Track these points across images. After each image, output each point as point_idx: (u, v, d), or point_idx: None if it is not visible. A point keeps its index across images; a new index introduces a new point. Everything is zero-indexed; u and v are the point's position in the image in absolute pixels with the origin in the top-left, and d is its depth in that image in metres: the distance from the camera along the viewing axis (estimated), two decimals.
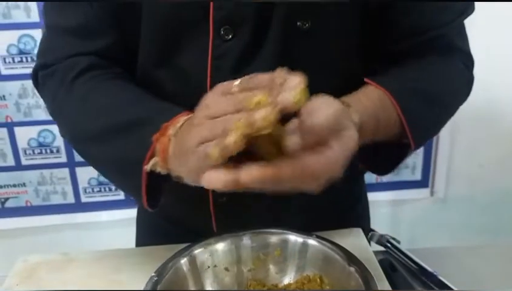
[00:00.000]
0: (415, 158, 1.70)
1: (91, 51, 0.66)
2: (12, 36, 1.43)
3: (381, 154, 0.65)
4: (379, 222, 0.92)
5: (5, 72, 1.47)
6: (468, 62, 0.73)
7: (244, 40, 0.62)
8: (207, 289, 0.59)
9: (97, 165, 0.65)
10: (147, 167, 0.54)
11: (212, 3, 0.61)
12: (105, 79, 0.66)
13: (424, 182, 1.74)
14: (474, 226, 1.74)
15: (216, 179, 0.44)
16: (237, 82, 0.47)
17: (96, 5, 0.65)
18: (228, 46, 0.62)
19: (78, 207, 1.65)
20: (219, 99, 0.47)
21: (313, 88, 0.66)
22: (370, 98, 0.61)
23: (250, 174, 0.43)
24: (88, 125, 0.63)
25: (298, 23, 0.61)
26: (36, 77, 0.70)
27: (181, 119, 0.53)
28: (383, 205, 1.74)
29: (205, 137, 0.45)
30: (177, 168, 0.51)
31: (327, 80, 0.67)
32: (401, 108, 0.62)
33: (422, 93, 0.66)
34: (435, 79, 0.68)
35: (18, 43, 1.44)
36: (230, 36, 0.61)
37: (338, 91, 0.68)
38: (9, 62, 1.46)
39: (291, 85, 0.44)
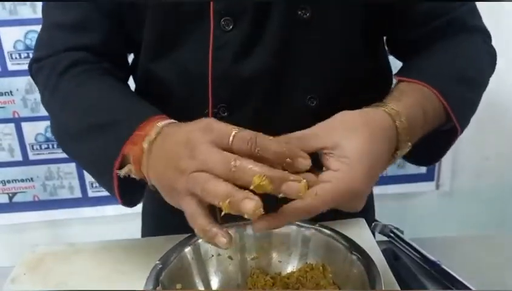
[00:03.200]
0: None
1: (84, 46, 0.67)
2: (18, 32, 1.44)
3: (426, 145, 0.63)
4: (385, 215, 0.92)
5: (11, 68, 1.48)
6: (486, 37, 0.73)
7: (244, 30, 0.62)
8: (211, 277, 0.60)
9: (76, 162, 0.67)
10: (120, 173, 0.55)
11: None
12: (89, 76, 0.66)
13: (429, 175, 1.73)
14: (480, 219, 1.73)
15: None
16: (234, 131, 0.46)
17: (94, 1, 0.66)
18: (228, 37, 0.62)
19: (85, 201, 1.66)
20: (211, 151, 0.46)
21: (314, 79, 0.67)
22: (410, 93, 0.60)
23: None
24: (67, 122, 0.64)
25: (299, 13, 0.62)
26: (31, 70, 0.72)
27: (152, 130, 0.53)
28: (389, 199, 1.74)
29: (195, 193, 0.46)
30: (156, 186, 0.53)
31: (329, 71, 0.67)
32: (443, 96, 0.61)
33: (456, 76, 0.66)
34: (463, 58, 0.69)
35: (24, 39, 1.45)
36: (231, 27, 0.62)
37: (341, 82, 0.69)
38: (15, 58, 1.47)
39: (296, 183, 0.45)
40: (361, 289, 0.52)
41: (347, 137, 0.50)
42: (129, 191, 0.59)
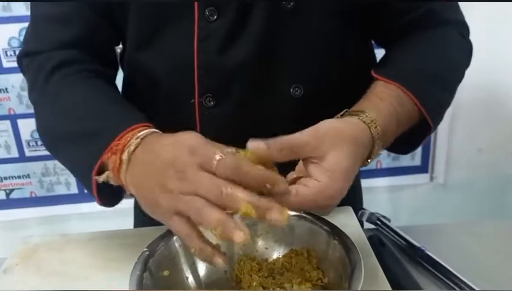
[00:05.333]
0: None
1: (71, 39, 0.68)
2: (13, 29, 1.45)
3: (401, 135, 0.66)
4: (379, 207, 0.93)
5: (6, 65, 1.49)
6: (464, 31, 0.75)
7: (228, 21, 0.63)
8: (198, 264, 0.61)
9: (59, 162, 0.68)
10: (99, 179, 0.57)
11: None
12: (75, 79, 0.67)
13: (423, 167, 1.75)
14: (473, 210, 1.75)
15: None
16: (217, 156, 0.48)
17: None
18: (213, 27, 0.63)
19: (82, 197, 1.67)
20: (201, 175, 0.48)
21: (299, 69, 0.68)
22: (387, 99, 0.62)
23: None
24: (51, 126, 0.66)
25: (283, 3, 0.63)
26: (21, 63, 0.72)
27: (132, 140, 0.55)
28: (383, 191, 1.75)
29: (183, 212, 0.49)
30: (135, 195, 0.55)
31: (313, 61, 0.69)
32: (418, 99, 0.64)
33: (431, 75, 0.68)
34: (438, 55, 0.70)
35: (19, 36, 1.46)
36: (215, 17, 0.63)
37: (326, 72, 0.70)
38: (10, 55, 1.48)
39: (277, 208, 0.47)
40: (344, 272, 0.54)
41: (335, 150, 0.52)
42: (108, 193, 0.61)
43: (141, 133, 0.55)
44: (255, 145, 0.50)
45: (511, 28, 1.54)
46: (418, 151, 1.73)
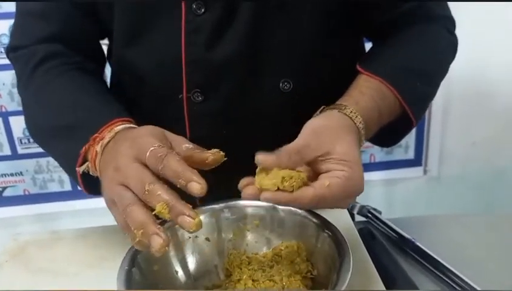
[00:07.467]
0: (408, 137, 1.71)
1: (54, 34, 0.68)
2: (3, 25, 1.45)
3: (384, 129, 0.67)
4: (373, 201, 0.93)
5: None
6: (450, 26, 0.75)
7: (216, 14, 0.63)
8: (188, 259, 0.61)
9: (47, 152, 0.70)
10: (80, 170, 0.59)
11: None
12: (59, 72, 0.68)
13: (417, 161, 1.75)
14: (467, 203, 1.76)
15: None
16: (152, 147, 0.47)
17: None
18: (200, 20, 0.63)
19: (75, 194, 1.67)
20: (131, 166, 0.48)
21: (287, 63, 0.68)
22: (368, 93, 0.63)
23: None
24: (37, 118, 0.67)
25: None
26: (9, 57, 0.73)
27: (108, 134, 0.56)
28: (377, 185, 1.76)
29: (115, 203, 0.49)
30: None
31: (303, 56, 0.68)
32: (400, 94, 0.64)
33: (415, 71, 0.68)
34: (425, 53, 0.71)
35: (9, 33, 1.45)
36: (203, 11, 0.62)
37: (315, 66, 0.70)
38: (1, 52, 1.47)
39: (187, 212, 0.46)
40: (333, 265, 0.54)
41: (338, 143, 0.52)
42: (94, 183, 0.61)
43: (118, 127, 0.57)
44: (262, 157, 0.50)
45: (503, 22, 1.54)
46: (412, 144, 1.73)
